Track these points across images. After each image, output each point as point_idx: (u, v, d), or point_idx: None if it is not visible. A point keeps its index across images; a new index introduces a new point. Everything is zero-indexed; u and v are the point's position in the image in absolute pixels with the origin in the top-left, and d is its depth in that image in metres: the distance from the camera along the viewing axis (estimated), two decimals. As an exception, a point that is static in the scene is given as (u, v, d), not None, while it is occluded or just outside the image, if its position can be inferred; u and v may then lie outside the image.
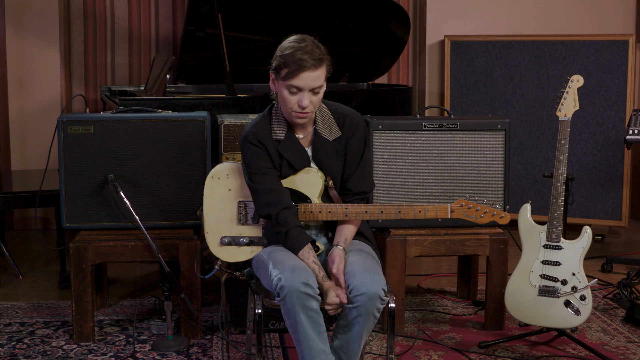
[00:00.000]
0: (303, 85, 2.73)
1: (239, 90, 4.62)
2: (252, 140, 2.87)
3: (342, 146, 2.91)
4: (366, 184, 2.97)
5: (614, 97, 5.14)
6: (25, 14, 5.52)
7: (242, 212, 2.97)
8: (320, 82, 2.76)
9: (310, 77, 2.73)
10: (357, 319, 2.70)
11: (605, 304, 4.07)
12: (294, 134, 2.90)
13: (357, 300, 2.67)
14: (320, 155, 2.91)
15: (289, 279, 2.64)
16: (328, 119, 2.91)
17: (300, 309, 2.64)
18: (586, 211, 5.26)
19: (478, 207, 2.81)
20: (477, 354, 3.44)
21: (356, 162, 2.93)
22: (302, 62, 2.70)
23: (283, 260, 2.73)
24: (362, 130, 2.94)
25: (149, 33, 5.76)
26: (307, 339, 2.68)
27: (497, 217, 2.84)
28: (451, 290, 4.30)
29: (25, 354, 3.42)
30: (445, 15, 5.79)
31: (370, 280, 2.68)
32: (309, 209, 2.86)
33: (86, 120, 3.50)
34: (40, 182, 4.11)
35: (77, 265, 3.47)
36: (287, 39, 2.80)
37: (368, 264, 2.77)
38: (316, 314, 2.68)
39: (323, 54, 2.76)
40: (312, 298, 2.66)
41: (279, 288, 2.66)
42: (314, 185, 2.89)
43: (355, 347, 2.78)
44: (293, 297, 2.63)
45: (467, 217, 2.81)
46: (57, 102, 5.59)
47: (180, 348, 3.46)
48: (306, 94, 2.75)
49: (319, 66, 2.74)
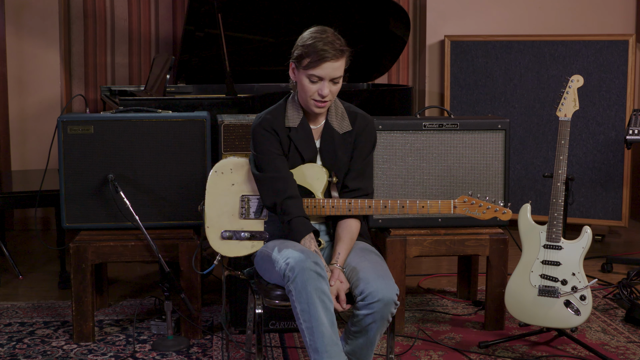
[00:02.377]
0: (324, 75, 2.79)
1: (239, 90, 4.62)
2: (265, 125, 2.90)
3: (351, 141, 2.95)
4: (365, 182, 2.97)
5: (614, 97, 5.14)
6: (25, 14, 5.52)
7: (245, 206, 2.96)
8: (340, 72, 2.82)
9: (332, 67, 2.79)
10: (371, 325, 2.69)
11: (605, 304, 4.07)
12: (308, 124, 2.93)
13: (372, 307, 2.66)
14: (328, 145, 2.93)
15: (299, 259, 2.62)
16: (341, 113, 2.97)
17: (313, 291, 2.60)
18: (586, 211, 5.26)
19: (481, 203, 2.83)
20: (477, 354, 3.44)
21: (361, 160, 2.96)
22: (324, 52, 2.77)
23: (289, 246, 2.73)
24: (373, 130, 3.00)
25: (149, 33, 5.76)
26: (320, 325, 2.61)
27: (500, 212, 2.87)
28: (451, 290, 4.30)
29: (25, 354, 3.42)
30: (445, 15, 5.79)
31: (386, 286, 2.67)
32: (312, 203, 2.87)
33: (86, 120, 3.50)
34: (40, 182, 4.11)
35: (77, 265, 3.47)
36: (308, 30, 2.86)
37: (379, 268, 2.76)
38: (328, 301, 2.63)
39: (343, 45, 2.83)
40: (324, 280, 2.63)
41: (289, 269, 2.63)
42: (319, 180, 2.90)
43: (369, 352, 2.78)
44: (305, 277, 2.60)
45: (470, 213, 2.83)
46: (57, 102, 5.59)
47: (180, 348, 3.46)
48: (326, 83, 2.80)
49: (340, 57, 2.80)
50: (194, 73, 5.17)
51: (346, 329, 2.81)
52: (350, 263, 2.81)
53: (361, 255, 2.84)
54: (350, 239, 2.87)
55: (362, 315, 2.69)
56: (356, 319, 2.72)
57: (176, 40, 5.74)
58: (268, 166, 2.88)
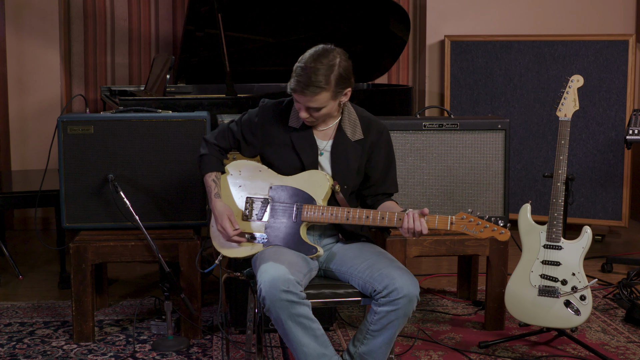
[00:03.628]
0: (301, 102, 2.78)
1: (239, 90, 4.62)
2: (260, 115, 2.95)
3: (364, 150, 2.94)
4: (386, 186, 3.01)
5: (614, 97, 5.14)
6: (25, 14, 5.52)
7: (249, 208, 2.95)
8: (317, 104, 2.76)
9: (303, 99, 2.76)
10: (394, 322, 2.68)
11: (605, 304, 4.07)
12: (311, 127, 2.93)
13: (397, 303, 2.65)
14: (339, 150, 2.92)
15: (269, 289, 2.60)
16: (354, 120, 2.94)
17: (287, 318, 2.61)
18: (586, 211, 5.26)
19: (479, 222, 2.76)
20: (477, 354, 3.44)
21: (378, 171, 2.97)
22: (298, 84, 2.73)
23: (265, 269, 2.67)
24: (388, 139, 3.00)
25: (149, 33, 5.76)
26: (301, 346, 2.65)
27: (497, 232, 2.76)
28: (451, 290, 4.30)
29: (25, 354, 3.42)
30: (445, 15, 5.79)
31: (411, 282, 2.67)
32: (312, 209, 2.86)
33: (86, 120, 3.50)
34: (40, 182, 4.11)
35: (77, 265, 3.47)
36: (316, 46, 2.80)
37: (399, 265, 2.75)
38: (306, 319, 2.64)
39: (327, 82, 2.73)
40: (298, 304, 2.62)
41: (262, 298, 2.63)
42: (321, 187, 2.88)
43: (387, 351, 2.76)
44: (276, 307, 2.60)
45: (467, 231, 2.75)
46: (57, 102, 5.59)
47: (180, 348, 3.46)
48: (304, 107, 2.79)
49: (312, 94, 2.73)
50: (194, 73, 5.17)
51: (361, 330, 2.78)
52: (368, 259, 2.80)
53: (377, 253, 2.84)
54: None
55: (385, 311, 2.68)
56: (377, 316, 2.70)
57: (176, 40, 5.74)
58: (225, 134, 3.00)
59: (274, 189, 2.91)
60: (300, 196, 2.88)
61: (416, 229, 2.70)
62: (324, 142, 2.94)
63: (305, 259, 2.83)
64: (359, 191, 3.01)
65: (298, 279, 2.66)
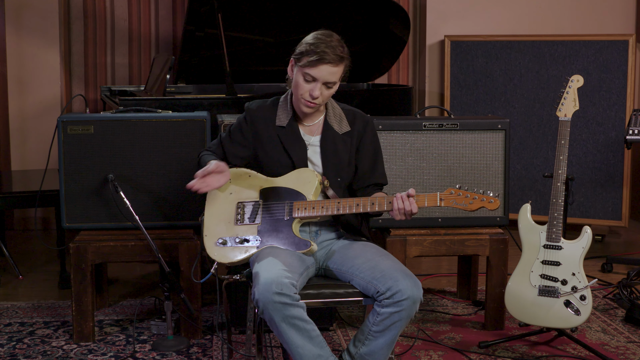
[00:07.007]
0: (319, 77, 2.83)
1: (239, 90, 4.62)
2: (247, 116, 3.01)
3: (352, 142, 2.99)
4: (376, 176, 3.05)
5: (614, 97, 5.14)
6: (25, 14, 5.52)
7: (240, 212, 2.96)
8: (335, 78, 2.86)
9: (328, 70, 2.83)
10: (397, 323, 2.69)
11: (605, 304, 4.07)
12: (297, 124, 2.98)
13: (401, 305, 2.65)
14: (329, 144, 2.97)
15: (262, 292, 2.61)
16: (339, 114, 3.02)
17: (280, 320, 2.62)
18: (586, 211, 5.26)
19: (467, 194, 2.77)
20: (477, 354, 3.44)
21: (367, 160, 3.02)
22: (324, 54, 2.81)
23: (258, 272, 2.68)
24: (373, 128, 3.07)
25: (149, 33, 5.76)
26: (297, 347, 2.66)
27: (486, 202, 2.76)
28: (451, 290, 4.30)
29: (25, 354, 3.42)
30: (445, 15, 5.79)
31: (414, 284, 2.68)
32: (302, 205, 2.87)
33: (86, 120, 3.50)
34: (40, 182, 4.11)
35: (77, 265, 3.47)
36: (315, 32, 2.91)
37: (401, 267, 2.76)
38: (300, 321, 2.65)
39: (345, 53, 2.87)
40: (291, 306, 2.62)
41: (256, 302, 2.64)
42: (309, 184, 2.90)
43: (388, 351, 2.77)
44: (270, 310, 2.61)
45: (457, 205, 2.77)
46: (57, 102, 5.59)
47: (180, 348, 3.46)
48: (319, 85, 2.84)
49: (338, 63, 2.85)
50: (194, 73, 5.17)
51: (362, 331, 2.78)
52: (370, 259, 2.80)
53: (379, 254, 2.85)
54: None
55: (388, 313, 2.68)
56: (380, 317, 2.70)
57: (176, 40, 5.74)
58: (218, 144, 3.08)
59: (264, 191, 2.94)
60: (290, 195, 2.90)
61: (406, 208, 2.75)
62: (311, 138, 2.99)
63: (301, 257, 2.83)
64: (349, 185, 3.04)
65: (293, 279, 2.66)
